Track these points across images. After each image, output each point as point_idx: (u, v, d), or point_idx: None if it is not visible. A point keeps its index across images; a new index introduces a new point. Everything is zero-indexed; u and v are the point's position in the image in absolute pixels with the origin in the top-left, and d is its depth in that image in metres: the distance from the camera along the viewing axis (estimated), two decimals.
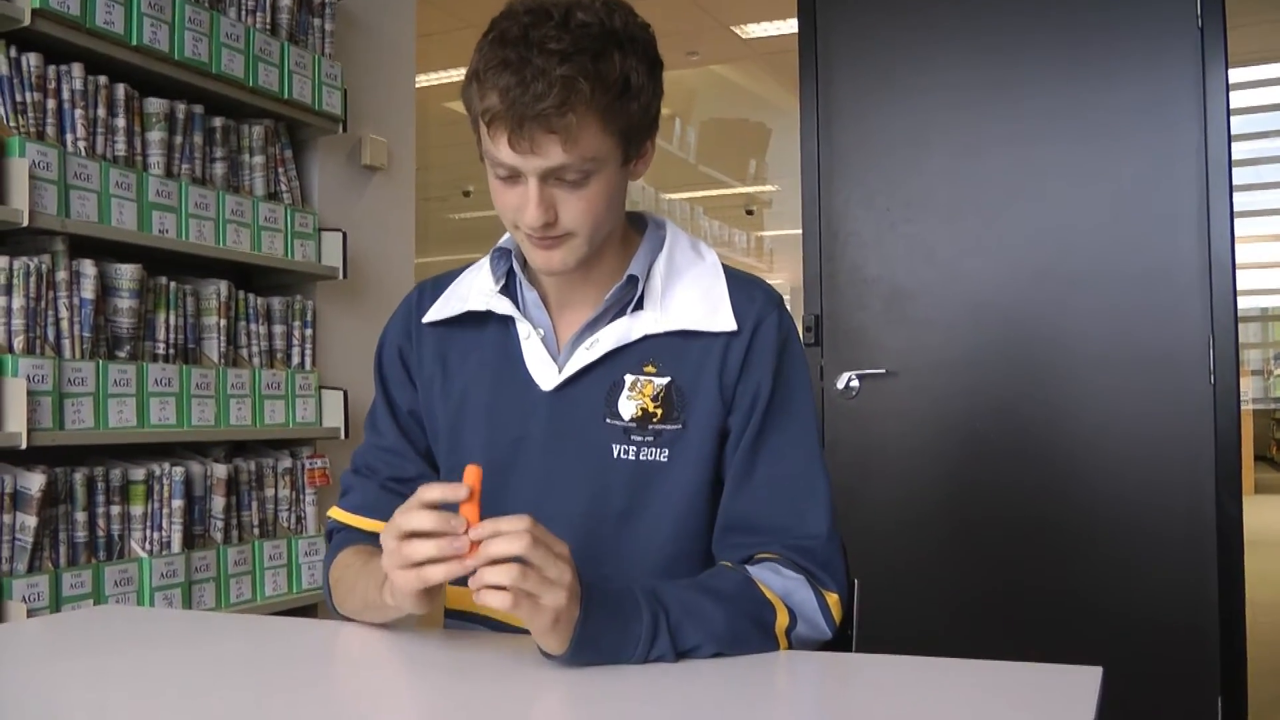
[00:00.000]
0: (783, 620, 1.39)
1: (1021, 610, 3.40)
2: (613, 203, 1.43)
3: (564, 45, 1.31)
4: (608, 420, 1.49)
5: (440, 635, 1.47)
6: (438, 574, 1.22)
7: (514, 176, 1.38)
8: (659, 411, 1.48)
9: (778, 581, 1.42)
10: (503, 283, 1.57)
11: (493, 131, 1.35)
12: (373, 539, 1.59)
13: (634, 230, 1.58)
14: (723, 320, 1.49)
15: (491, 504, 1.50)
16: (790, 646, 1.40)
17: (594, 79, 1.32)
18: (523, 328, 1.54)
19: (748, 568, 1.43)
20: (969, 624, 3.46)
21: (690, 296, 1.51)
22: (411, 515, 1.23)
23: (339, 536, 1.64)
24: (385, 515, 1.54)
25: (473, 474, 1.25)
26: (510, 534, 1.19)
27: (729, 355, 1.49)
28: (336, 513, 1.65)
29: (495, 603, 1.18)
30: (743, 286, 1.53)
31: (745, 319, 1.50)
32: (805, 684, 1.35)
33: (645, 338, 1.50)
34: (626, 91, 1.36)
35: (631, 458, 1.48)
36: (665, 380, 1.49)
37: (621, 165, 1.42)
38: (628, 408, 1.48)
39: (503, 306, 1.55)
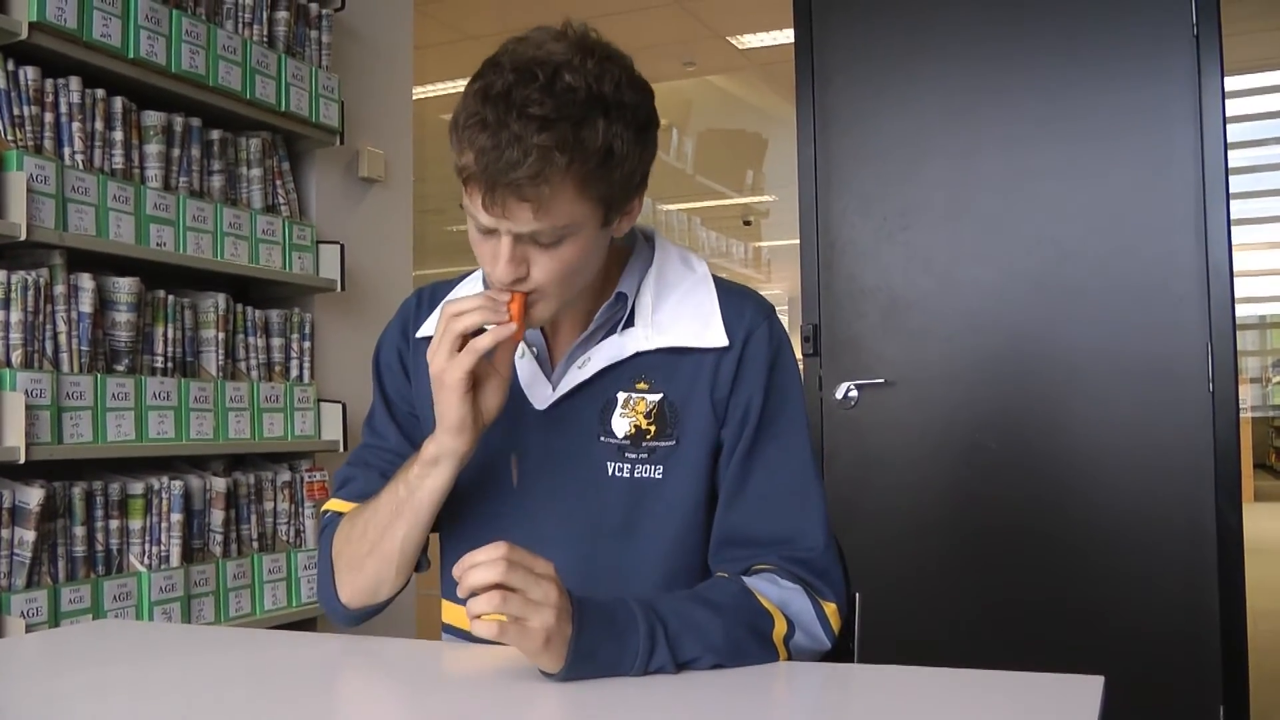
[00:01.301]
0: (780, 628, 1.38)
1: (1022, 620, 3.39)
2: (588, 262, 1.42)
3: (545, 110, 1.27)
4: (602, 438, 1.49)
5: (438, 648, 1.47)
6: (484, 342, 1.34)
7: (490, 231, 1.36)
8: (652, 428, 1.48)
9: (775, 591, 1.41)
10: None
11: (468, 189, 1.34)
12: None
13: (623, 245, 1.57)
14: (714, 336, 1.49)
15: (487, 522, 1.52)
16: (790, 656, 1.40)
17: (572, 149, 1.29)
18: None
19: (744, 578, 1.43)
20: (970, 634, 3.45)
21: (680, 312, 1.51)
22: (459, 300, 1.36)
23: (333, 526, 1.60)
24: None
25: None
26: (486, 563, 1.19)
27: (720, 370, 1.49)
28: (335, 504, 1.61)
29: (483, 632, 1.19)
30: (733, 299, 1.53)
31: (736, 332, 1.50)
32: (806, 694, 1.34)
33: (637, 355, 1.50)
34: (609, 160, 1.33)
35: (626, 475, 1.48)
36: (658, 397, 1.49)
37: (601, 227, 1.40)
38: (621, 425, 1.49)
39: None
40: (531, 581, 1.20)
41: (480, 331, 1.36)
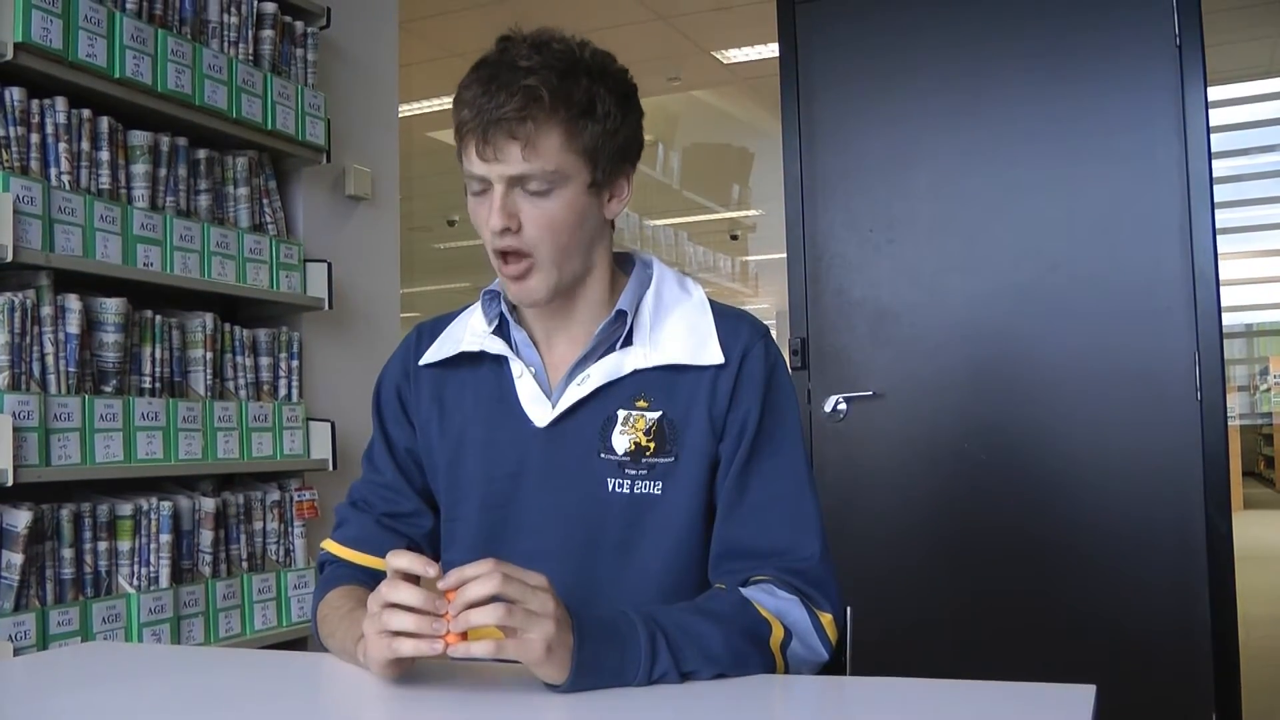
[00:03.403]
0: (778, 634, 1.40)
1: (1014, 630, 3.40)
2: (580, 227, 1.48)
3: (532, 63, 1.40)
4: (602, 455, 1.52)
5: (436, 665, 1.47)
6: (407, 647, 1.23)
7: (485, 190, 1.44)
8: (652, 445, 1.51)
9: (771, 601, 1.43)
10: (495, 324, 1.60)
11: (464, 145, 1.43)
12: (364, 573, 1.61)
13: (620, 269, 1.62)
14: (710, 354, 1.52)
15: (490, 539, 1.57)
16: (787, 666, 1.41)
17: (556, 92, 1.40)
18: (515, 366, 1.57)
19: (742, 589, 1.45)
20: (961, 644, 3.45)
21: (678, 331, 1.54)
22: (398, 588, 1.24)
23: (330, 569, 1.66)
24: (379, 550, 1.59)
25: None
26: (481, 576, 1.20)
27: (718, 387, 1.52)
28: (330, 545, 1.68)
29: (481, 650, 1.19)
30: (728, 319, 1.57)
31: (732, 351, 1.53)
32: (800, 706, 1.34)
33: (635, 372, 1.53)
34: (590, 112, 1.43)
35: (626, 491, 1.51)
36: (657, 414, 1.51)
37: (589, 188, 1.47)
38: (621, 442, 1.51)
39: (495, 346, 1.58)
40: (528, 593, 1.22)
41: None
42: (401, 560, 1.26)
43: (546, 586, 1.24)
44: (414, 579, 1.26)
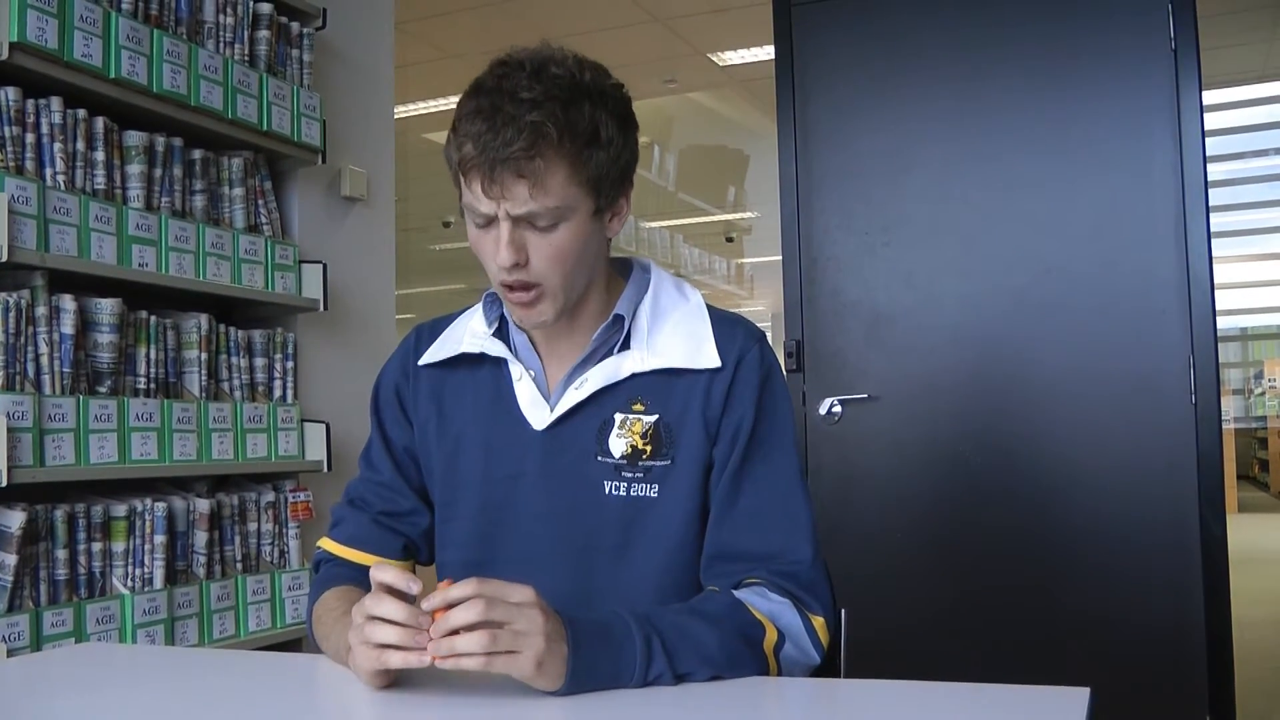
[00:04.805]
0: (771, 637, 1.41)
1: (1008, 632, 3.40)
2: (585, 253, 1.47)
3: (535, 94, 1.37)
4: (599, 458, 1.52)
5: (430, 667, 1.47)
6: (395, 660, 1.23)
7: (490, 223, 1.43)
8: (648, 448, 1.51)
9: (764, 604, 1.44)
10: (495, 326, 1.60)
11: (468, 179, 1.40)
12: (359, 571, 1.60)
13: (619, 274, 1.62)
14: (707, 358, 1.53)
15: (486, 541, 1.57)
16: (780, 668, 1.41)
17: (563, 126, 1.37)
18: (515, 369, 1.58)
19: (734, 591, 1.45)
20: (955, 647, 3.45)
21: (675, 336, 1.55)
22: (381, 602, 1.24)
23: (326, 569, 1.66)
24: (375, 549, 1.62)
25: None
26: (464, 603, 1.20)
27: (713, 390, 1.52)
28: (326, 543, 1.68)
29: (470, 665, 1.19)
30: (725, 324, 1.57)
31: (728, 355, 1.53)
32: (795, 708, 1.35)
33: (632, 376, 1.53)
34: (595, 141, 1.41)
35: (623, 494, 1.51)
36: (653, 418, 1.52)
37: (593, 215, 1.46)
38: (618, 445, 1.52)
39: (495, 349, 1.59)
40: (514, 612, 1.21)
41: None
42: (385, 574, 1.26)
43: (533, 601, 1.23)
44: (399, 592, 1.26)
